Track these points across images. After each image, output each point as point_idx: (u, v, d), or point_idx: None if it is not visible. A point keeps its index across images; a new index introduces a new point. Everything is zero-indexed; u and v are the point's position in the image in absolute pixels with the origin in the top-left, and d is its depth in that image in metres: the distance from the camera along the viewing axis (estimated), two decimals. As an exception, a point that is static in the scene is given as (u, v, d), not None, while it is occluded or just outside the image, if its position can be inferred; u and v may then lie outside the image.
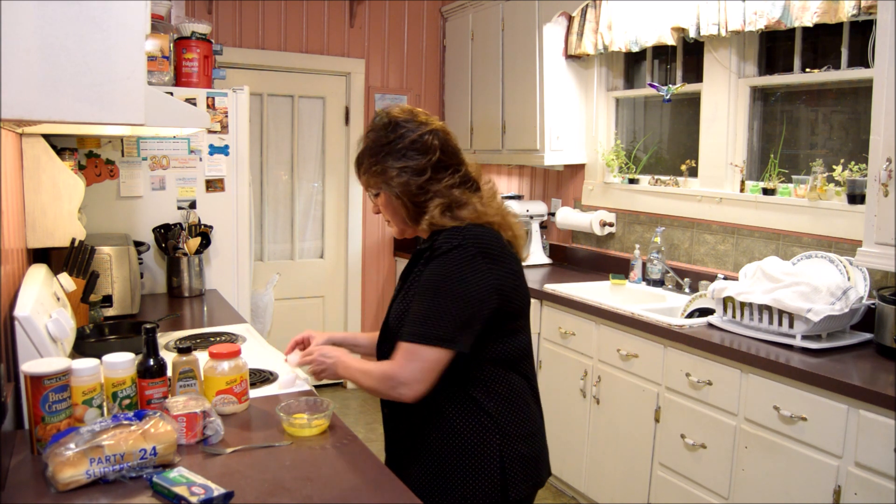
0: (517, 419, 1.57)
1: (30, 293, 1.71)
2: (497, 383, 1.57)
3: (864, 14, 2.52)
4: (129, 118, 1.16)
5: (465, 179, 1.61)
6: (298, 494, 1.33)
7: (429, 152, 1.57)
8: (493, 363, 1.56)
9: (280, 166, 4.69)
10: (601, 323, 3.04)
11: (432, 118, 1.64)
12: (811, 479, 2.16)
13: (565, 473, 3.30)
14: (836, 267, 2.54)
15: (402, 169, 1.57)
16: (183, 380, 1.68)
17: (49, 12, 1.08)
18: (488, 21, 4.40)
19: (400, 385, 1.49)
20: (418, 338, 1.48)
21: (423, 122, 1.61)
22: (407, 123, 1.60)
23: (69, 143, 2.93)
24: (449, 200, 1.57)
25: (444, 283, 1.49)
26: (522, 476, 1.56)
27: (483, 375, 1.55)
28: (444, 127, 1.63)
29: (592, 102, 4.00)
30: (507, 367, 1.58)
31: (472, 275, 1.49)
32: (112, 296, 2.70)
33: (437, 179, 1.57)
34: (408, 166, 1.57)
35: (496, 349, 1.56)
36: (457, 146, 1.64)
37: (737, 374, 2.41)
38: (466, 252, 1.50)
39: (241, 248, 3.40)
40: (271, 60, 4.49)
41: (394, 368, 1.50)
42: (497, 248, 1.54)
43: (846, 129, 2.89)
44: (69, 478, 1.30)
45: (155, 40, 3.00)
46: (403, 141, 1.57)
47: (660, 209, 3.56)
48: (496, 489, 1.53)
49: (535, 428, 1.62)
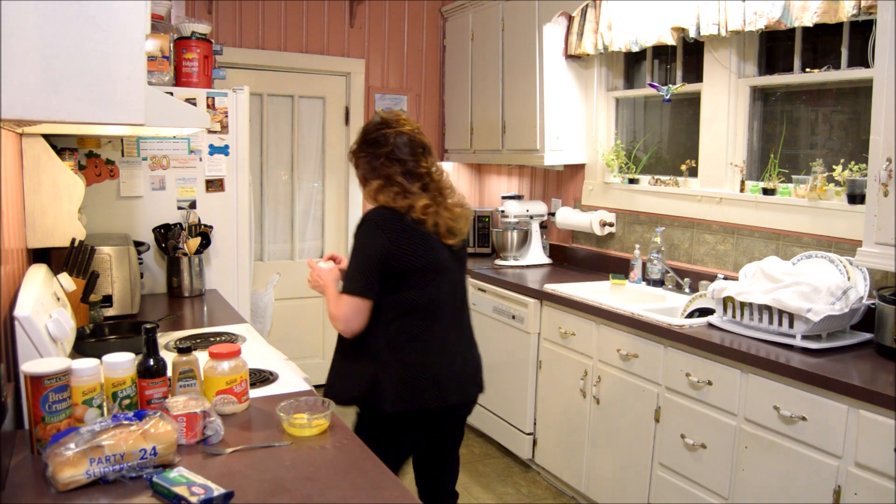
0: (397, 353, 2.07)
1: (30, 293, 1.71)
2: (388, 325, 2.07)
3: (864, 14, 2.52)
4: (129, 118, 1.16)
5: (411, 173, 2.11)
6: (298, 494, 1.33)
7: (386, 146, 2.11)
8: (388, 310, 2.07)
9: (280, 166, 4.69)
10: (601, 323, 3.04)
11: (408, 124, 2.16)
12: (811, 479, 2.16)
13: (565, 473, 3.30)
14: (836, 267, 2.54)
15: (367, 153, 2.14)
16: (183, 380, 1.68)
17: (49, 12, 1.08)
18: (488, 21, 4.40)
19: (335, 321, 2.07)
20: (344, 289, 2.06)
21: (397, 123, 2.14)
22: (384, 123, 2.15)
23: (69, 143, 2.93)
24: (382, 184, 2.10)
25: (356, 250, 2.07)
26: (394, 396, 2.05)
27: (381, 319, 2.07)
28: (412, 132, 2.14)
29: (592, 102, 4.01)
30: (400, 314, 2.08)
31: (370, 242, 2.04)
32: (112, 296, 2.70)
33: (385, 167, 2.10)
34: (369, 152, 2.13)
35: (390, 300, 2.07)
36: (417, 149, 2.13)
37: (737, 374, 2.42)
38: (368, 226, 2.06)
39: (241, 248, 3.40)
40: (271, 60, 4.49)
41: (332, 309, 2.09)
42: (391, 223, 2.05)
43: (846, 129, 2.89)
44: (69, 478, 1.30)
45: (155, 40, 3.00)
46: (375, 134, 2.14)
47: (660, 209, 3.57)
48: (368, 401, 2.09)
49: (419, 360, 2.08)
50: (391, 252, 2.02)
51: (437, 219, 2.10)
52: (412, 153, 2.11)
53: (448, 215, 2.12)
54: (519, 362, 3.57)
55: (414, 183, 2.09)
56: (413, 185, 2.09)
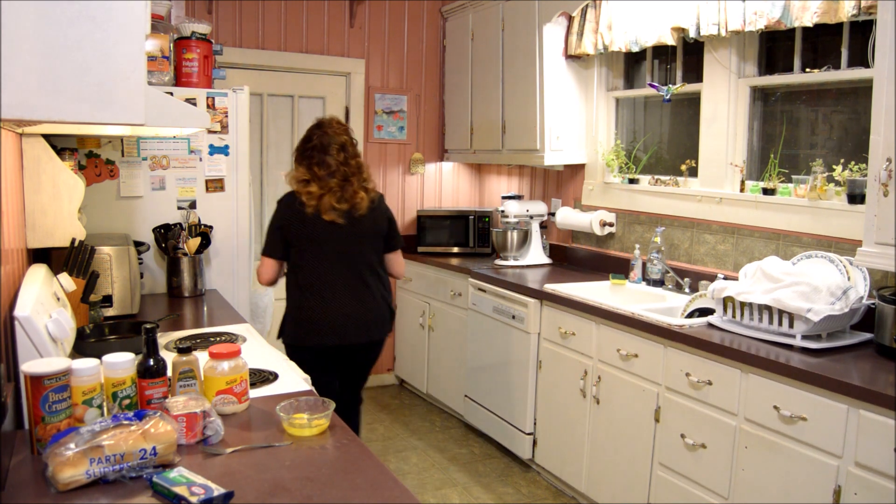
0: (291, 299, 2.88)
1: (30, 293, 1.71)
2: (288, 278, 2.90)
3: (864, 14, 2.52)
4: (129, 118, 1.16)
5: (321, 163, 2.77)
6: (298, 494, 1.33)
7: (307, 142, 2.83)
8: (289, 268, 2.88)
9: (280, 166, 4.69)
10: (601, 323, 3.05)
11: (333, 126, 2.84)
12: (811, 479, 2.16)
13: (565, 473, 3.31)
14: (836, 267, 2.54)
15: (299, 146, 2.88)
16: (183, 380, 1.68)
17: (49, 12, 1.08)
18: (488, 21, 4.40)
19: (258, 275, 2.91)
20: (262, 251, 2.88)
21: (324, 125, 2.85)
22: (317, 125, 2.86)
23: (69, 143, 2.93)
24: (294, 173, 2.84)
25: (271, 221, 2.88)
26: (289, 331, 2.87)
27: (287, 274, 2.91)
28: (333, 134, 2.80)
29: (592, 102, 4.01)
30: (293, 271, 2.86)
31: (274, 216, 2.87)
32: (112, 296, 2.70)
33: (303, 158, 2.82)
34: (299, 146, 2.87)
35: (290, 261, 2.86)
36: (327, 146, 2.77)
37: (737, 374, 2.42)
38: (278, 204, 2.87)
39: (241, 248, 3.41)
40: (271, 60, 4.49)
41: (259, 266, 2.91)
42: (285, 204, 2.82)
43: (846, 129, 2.89)
44: (69, 478, 1.30)
45: (155, 40, 3.01)
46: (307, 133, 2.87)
47: (660, 209, 3.57)
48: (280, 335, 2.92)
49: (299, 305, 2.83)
50: (282, 225, 2.81)
51: (320, 202, 2.74)
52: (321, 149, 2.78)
53: (332, 199, 2.74)
54: (519, 362, 3.58)
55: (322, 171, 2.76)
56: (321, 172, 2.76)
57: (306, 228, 2.76)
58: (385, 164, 4.92)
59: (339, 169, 2.78)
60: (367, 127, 4.83)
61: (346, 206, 2.77)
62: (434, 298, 4.45)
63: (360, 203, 2.79)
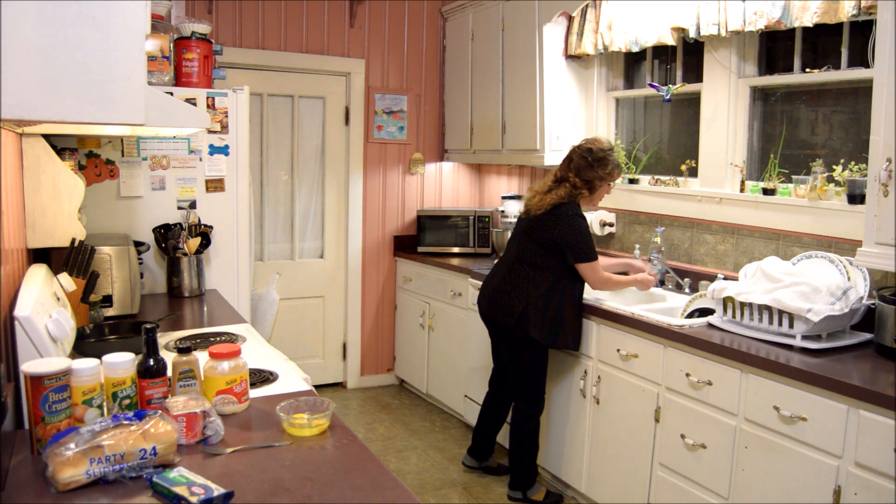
0: (576, 308, 3.17)
1: (30, 293, 1.71)
2: (568, 285, 3.15)
3: (864, 14, 2.52)
4: (129, 118, 1.16)
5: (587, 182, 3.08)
6: (298, 494, 1.33)
7: (606, 166, 3.08)
8: (570, 277, 3.15)
9: (280, 166, 4.69)
10: (601, 323, 3.04)
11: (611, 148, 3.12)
12: (811, 479, 2.16)
13: (565, 473, 3.30)
14: (836, 267, 2.54)
15: (590, 166, 3.08)
16: (183, 380, 1.68)
17: (49, 12, 1.08)
18: (488, 21, 4.40)
19: (600, 283, 3.13)
20: (591, 258, 3.08)
21: (611, 150, 3.11)
22: (611, 149, 3.12)
23: (69, 143, 2.93)
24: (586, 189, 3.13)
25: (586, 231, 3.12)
26: (573, 342, 3.17)
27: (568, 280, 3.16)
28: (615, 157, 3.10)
29: (592, 102, 4.01)
30: (576, 279, 3.14)
31: (586, 226, 3.13)
32: (112, 296, 2.70)
33: (596, 179, 3.09)
34: (592, 166, 3.10)
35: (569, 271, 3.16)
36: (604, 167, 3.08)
37: (737, 374, 2.42)
38: (582, 218, 3.11)
39: (241, 248, 3.40)
40: (271, 60, 4.49)
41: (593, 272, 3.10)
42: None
43: (846, 129, 2.89)
44: (69, 478, 1.30)
45: (155, 40, 3.00)
46: (601, 154, 3.09)
47: (660, 209, 3.57)
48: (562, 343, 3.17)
49: (579, 314, 3.18)
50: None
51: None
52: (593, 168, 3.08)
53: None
54: (519, 362, 3.57)
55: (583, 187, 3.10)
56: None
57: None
58: (385, 164, 4.92)
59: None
60: (367, 127, 4.82)
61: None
62: (434, 298, 4.45)
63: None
